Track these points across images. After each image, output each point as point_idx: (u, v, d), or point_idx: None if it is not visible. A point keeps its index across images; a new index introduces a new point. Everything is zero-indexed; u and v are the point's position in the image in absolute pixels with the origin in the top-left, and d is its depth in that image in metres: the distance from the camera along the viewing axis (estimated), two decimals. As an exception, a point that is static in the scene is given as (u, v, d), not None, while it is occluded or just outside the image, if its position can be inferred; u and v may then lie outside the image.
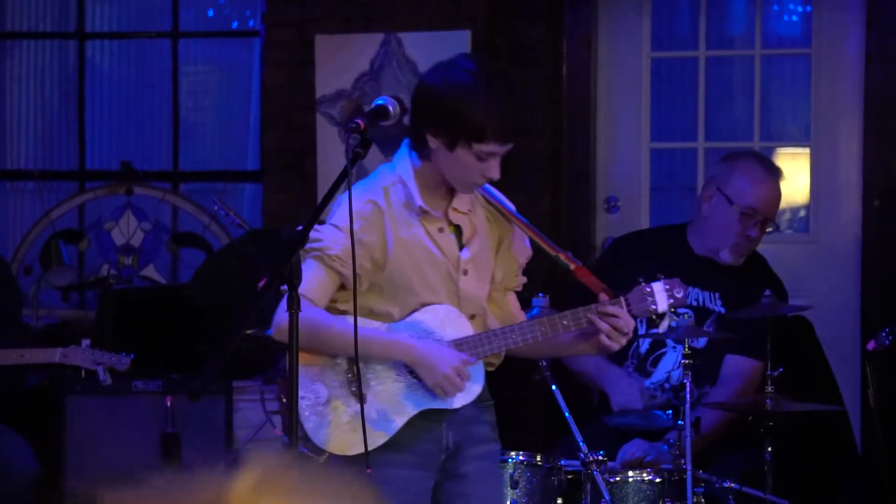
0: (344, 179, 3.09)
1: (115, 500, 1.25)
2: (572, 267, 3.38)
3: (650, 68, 6.16)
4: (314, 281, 3.20)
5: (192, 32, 6.89)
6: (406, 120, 3.32)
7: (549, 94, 6.02)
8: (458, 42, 5.85)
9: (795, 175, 6.12)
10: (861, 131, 5.89)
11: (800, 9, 6.19)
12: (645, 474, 4.22)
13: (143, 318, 5.87)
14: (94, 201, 6.76)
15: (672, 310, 3.43)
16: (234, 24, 7.04)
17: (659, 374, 4.72)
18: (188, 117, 6.95)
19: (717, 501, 4.32)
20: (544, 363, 4.15)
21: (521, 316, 3.47)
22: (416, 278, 3.29)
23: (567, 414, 4.19)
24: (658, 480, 4.20)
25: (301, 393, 3.26)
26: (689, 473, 4.09)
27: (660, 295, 3.38)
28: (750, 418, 4.34)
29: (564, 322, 3.32)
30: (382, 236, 3.28)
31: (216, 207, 5.79)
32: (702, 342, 4.65)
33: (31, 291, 6.44)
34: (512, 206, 3.47)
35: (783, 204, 6.15)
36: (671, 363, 4.68)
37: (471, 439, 3.39)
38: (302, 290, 3.00)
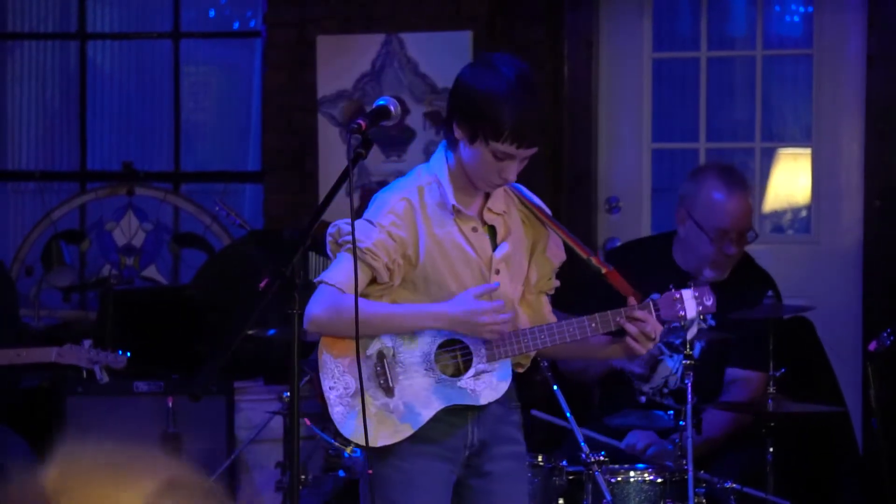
0: (345, 180, 3.09)
1: None
2: (604, 270, 3.41)
3: (651, 69, 6.16)
4: (345, 273, 3.24)
5: (194, 33, 6.89)
6: (407, 121, 3.33)
7: (550, 95, 6.02)
8: (458, 42, 5.86)
9: (797, 176, 6.12)
10: (862, 132, 5.89)
11: (801, 9, 6.19)
12: (646, 474, 4.22)
13: (144, 318, 5.87)
14: (95, 202, 6.76)
15: (701, 317, 3.48)
16: (236, 25, 7.05)
17: (657, 379, 4.73)
18: (189, 118, 6.95)
19: (718, 502, 4.32)
20: (545, 363, 4.16)
21: (551, 318, 3.49)
22: (448, 276, 3.32)
23: (568, 414, 4.20)
24: (659, 481, 4.20)
25: (331, 384, 3.33)
26: (690, 474, 4.09)
27: (689, 302, 3.42)
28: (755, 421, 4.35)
29: (593, 325, 3.35)
30: (414, 234, 3.32)
31: (217, 208, 5.79)
32: (696, 352, 4.65)
33: (33, 292, 6.44)
34: (547, 210, 3.50)
35: (784, 205, 6.17)
36: (669, 370, 4.69)
37: (497, 438, 3.41)
38: (334, 281, 3.23)
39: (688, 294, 3.41)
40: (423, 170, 3.41)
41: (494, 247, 3.38)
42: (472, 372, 3.35)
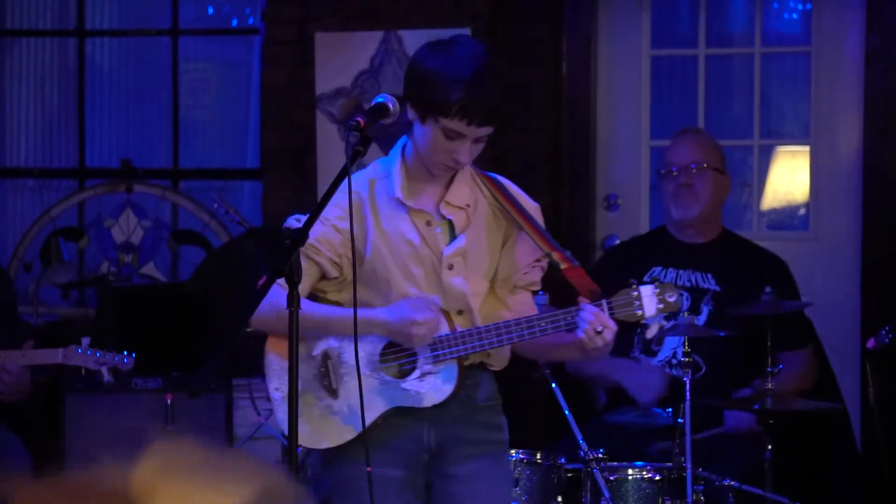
0: (344, 177, 3.08)
1: (27, 496, 1.27)
2: (563, 266, 3.27)
3: (650, 66, 6.16)
4: None
5: (192, 30, 6.89)
6: (406, 117, 3.31)
7: (550, 93, 6.02)
8: (458, 40, 5.85)
9: (795, 173, 6.12)
10: (861, 129, 5.88)
11: (800, 6, 6.19)
12: (645, 472, 4.22)
13: (142, 315, 5.87)
14: (93, 199, 6.76)
15: (666, 315, 3.30)
16: (234, 22, 7.04)
17: (665, 351, 4.77)
18: (188, 115, 6.95)
19: (716, 499, 4.32)
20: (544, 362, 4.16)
21: (525, 314, 3.33)
22: (397, 271, 3.26)
23: (567, 412, 4.20)
24: (658, 478, 4.20)
25: (275, 384, 3.30)
26: (689, 471, 4.10)
27: (648, 299, 3.23)
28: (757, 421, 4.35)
29: (542, 324, 3.22)
30: (362, 227, 3.26)
31: (216, 205, 5.78)
32: (701, 319, 4.71)
33: (31, 289, 6.44)
34: (529, 204, 3.38)
35: (783, 202, 6.17)
36: (676, 340, 4.69)
37: (460, 440, 3.33)
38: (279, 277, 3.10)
39: (647, 290, 3.24)
40: (379, 162, 3.36)
41: (451, 241, 3.29)
42: (416, 374, 3.27)
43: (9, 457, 4.99)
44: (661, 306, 3.23)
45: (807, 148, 6.07)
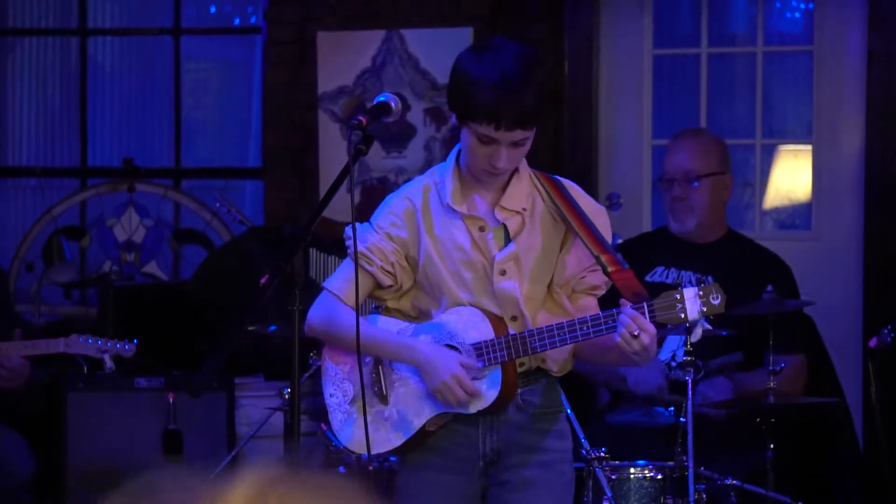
0: (346, 176, 3.07)
1: None
2: (610, 269, 3.19)
3: (652, 66, 6.16)
4: (343, 278, 3.23)
5: (194, 29, 6.89)
6: (408, 117, 3.30)
7: (551, 92, 6.02)
8: (459, 39, 5.85)
9: (797, 172, 6.12)
10: (863, 128, 5.89)
11: (802, 6, 6.19)
12: (647, 471, 4.22)
13: (144, 314, 5.87)
14: (96, 198, 6.76)
15: (709, 318, 3.17)
16: (236, 21, 7.05)
17: (665, 353, 4.76)
18: (190, 114, 6.95)
19: (718, 498, 4.32)
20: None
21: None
22: (449, 277, 3.23)
23: (569, 411, 4.20)
24: (660, 477, 4.21)
25: (331, 390, 3.31)
26: (690, 470, 4.10)
27: (691, 302, 3.12)
28: (758, 420, 4.36)
29: (584, 328, 3.15)
30: (415, 234, 3.24)
31: (218, 204, 5.79)
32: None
33: (33, 288, 6.44)
34: (592, 206, 3.31)
35: (785, 201, 6.17)
36: (676, 342, 4.70)
37: (516, 446, 3.28)
38: (333, 287, 3.21)
39: (690, 293, 3.12)
40: (436, 169, 3.33)
41: (504, 246, 3.25)
42: None
43: (12, 456, 5.00)
44: (704, 309, 3.13)
45: (809, 147, 6.07)
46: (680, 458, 4.19)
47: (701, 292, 3.13)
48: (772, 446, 4.25)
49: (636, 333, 3.07)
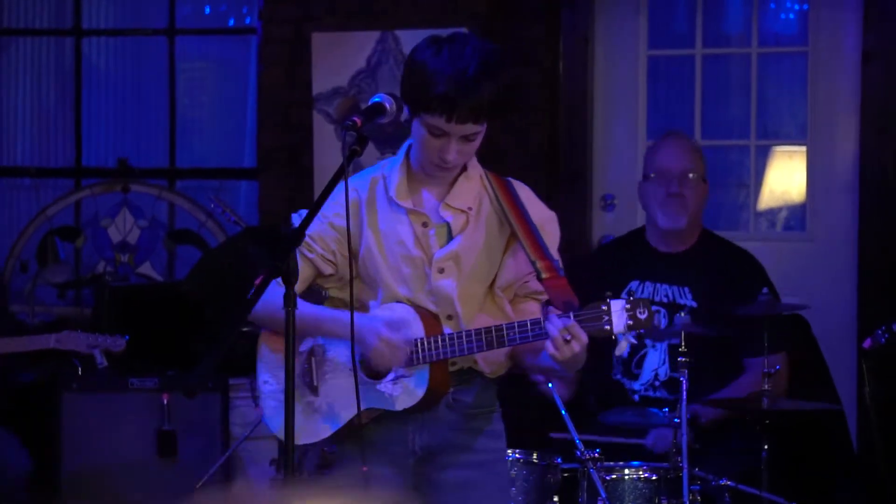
0: (340, 177, 3.07)
1: None
2: (544, 276, 3.16)
3: (647, 66, 6.17)
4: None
5: (189, 29, 6.89)
6: (402, 117, 3.29)
7: (546, 92, 6.03)
8: (454, 40, 5.85)
9: (792, 173, 6.12)
10: (858, 129, 5.89)
11: (796, 7, 6.20)
12: (641, 472, 4.22)
13: (139, 315, 5.87)
14: (90, 198, 6.75)
15: (637, 331, 3.14)
16: (231, 22, 7.04)
17: (646, 374, 4.75)
18: (185, 114, 6.95)
19: (713, 499, 4.33)
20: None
21: None
22: (388, 271, 3.23)
23: (564, 412, 4.20)
24: (654, 478, 4.21)
25: (265, 377, 3.31)
26: (685, 471, 4.10)
27: (617, 315, 3.05)
28: (747, 418, 4.36)
29: (511, 333, 3.13)
30: (357, 227, 3.23)
31: (213, 205, 5.78)
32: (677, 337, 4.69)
33: (27, 288, 6.44)
34: (542, 212, 3.30)
35: (779, 202, 6.17)
36: (656, 361, 4.70)
37: (449, 445, 3.28)
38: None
39: (617, 306, 3.06)
40: (386, 162, 3.33)
41: (446, 244, 3.23)
42: (391, 376, 3.22)
43: (7, 457, 4.99)
44: (630, 323, 3.06)
45: (804, 148, 6.08)
46: (675, 458, 4.19)
47: (628, 306, 3.07)
48: (766, 447, 4.25)
49: (567, 339, 3.03)
